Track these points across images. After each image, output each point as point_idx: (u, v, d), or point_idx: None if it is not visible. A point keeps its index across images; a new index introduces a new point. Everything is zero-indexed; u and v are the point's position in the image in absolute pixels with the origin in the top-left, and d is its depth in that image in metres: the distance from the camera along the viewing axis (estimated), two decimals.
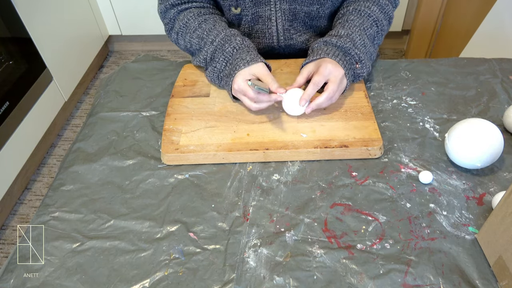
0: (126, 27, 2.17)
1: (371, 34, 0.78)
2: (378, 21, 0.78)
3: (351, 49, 0.73)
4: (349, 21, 0.77)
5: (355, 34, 0.75)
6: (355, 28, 0.76)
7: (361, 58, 0.74)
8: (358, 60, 0.74)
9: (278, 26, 0.84)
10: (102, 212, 0.63)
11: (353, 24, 0.77)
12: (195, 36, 0.79)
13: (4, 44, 1.48)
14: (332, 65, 0.71)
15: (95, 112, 0.81)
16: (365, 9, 0.78)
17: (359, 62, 0.74)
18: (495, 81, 0.80)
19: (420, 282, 0.52)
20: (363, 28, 0.77)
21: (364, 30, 0.77)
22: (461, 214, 0.59)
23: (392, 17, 0.82)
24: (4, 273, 0.56)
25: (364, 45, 0.76)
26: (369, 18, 0.78)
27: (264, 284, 0.53)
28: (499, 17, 1.26)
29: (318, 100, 0.70)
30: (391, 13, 0.81)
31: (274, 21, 0.83)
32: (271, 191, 0.64)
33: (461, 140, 0.61)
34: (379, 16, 0.79)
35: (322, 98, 0.69)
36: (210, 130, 0.71)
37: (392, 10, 0.82)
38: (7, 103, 1.44)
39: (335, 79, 0.70)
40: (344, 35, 0.75)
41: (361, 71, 0.75)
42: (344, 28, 0.77)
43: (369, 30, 0.77)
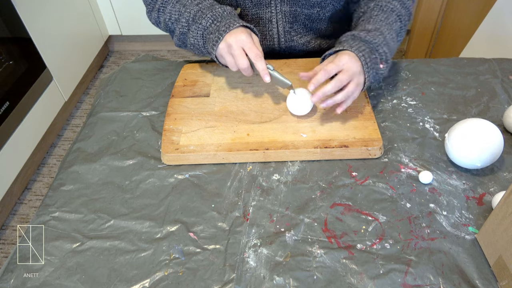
0: (126, 27, 2.17)
1: (395, 29, 0.75)
2: (401, 16, 0.75)
3: (379, 46, 0.69)
4: (374, 17, 0.74)
5: (384, 27, 0.72)
6: (381, 23, 0.73)
7: (388, 58, 0.70)
8: (384, 59, 0.70)
9: (279, 28, 0.84)
10: (102, 212, 0.63)
11: (379, 19, 0.73)
12: (177, 5, 0.75)
13: (4, 44, 1.48)
14: (349, 56, 0.66)
15: (95, 112, 0.81)
16: (387, 4, 0.75)
17: (385, 62, 0.70)
18: (495, 81, 0.80)
19: (420, 282, 0.52)
20: (389, 23, 0.73)
21: (390, 24, 0.73)
22: (461, 214, 0.59)
23: (412, 13, 0.79)
24: (4, 273, 0.56)
25: (392, 39, 0.72)
26: (392, 13, 0.74)
27: (264, 284, 0.53)
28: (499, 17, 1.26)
29: (325, 88, 0.65)
30: (411, 9, 0.78)
31: (275, 23, 0.83)
32: (271, 191, 0.64)
33: (461, 140, 0.61)
34: (401, 11, 0.76)
35: (329, 86, 0.65)
36: (210, 130, 0.71)
37: (411, 5, 0.79)
38: (7, 103, 1.44)
39: (348, 70, 0.66)
40: (373, 29, 0.71)
41: (383, 72, 0.71)
42: (370, 23, 0.73)
43: (394, 25, 0.74)
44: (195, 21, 0.73)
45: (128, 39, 2.31)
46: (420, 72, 0.84)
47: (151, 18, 0.82)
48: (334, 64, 0.66)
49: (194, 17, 0.73)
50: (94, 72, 2.15)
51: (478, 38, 1.36)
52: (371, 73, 0.69)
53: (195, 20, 0.73)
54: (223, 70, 0.85)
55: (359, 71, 0.67)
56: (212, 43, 0.70)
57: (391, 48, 0.72)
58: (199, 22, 0.72)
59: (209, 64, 0.87)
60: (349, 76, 0.66)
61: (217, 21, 0.71)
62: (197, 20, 0.73)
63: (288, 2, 0.80)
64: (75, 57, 1.91)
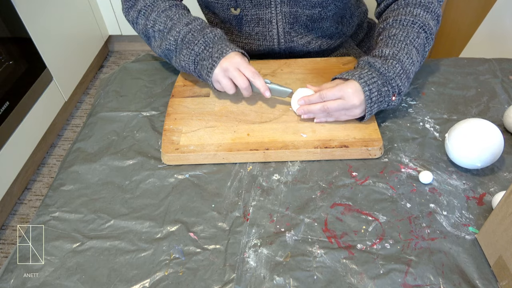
0: (126, 27, 2.17)
1: (420, 43, 0.70)
2: (425, 26, 0.71)
3: (393, 80, 0.67)
4: (392, 37, 0.70)
5: (402, 52, 0.68)
6: (400, 44, 0.69)
7: (401, 90, 0.68)
8: (397, 92, 0.68)
9: (279, 29, 0.84)
10: (102, 212, 0.63)
11: (397, 39, 0.69)
12: (163, 15, 0.75)
13: (4, 44, 1.48)
14: (352, 89, 0.66)
15: (95, 112, 0.81)
16: (407, 17, 0.71)
17: (397, 94, 0.68)
18: (495, 81, 0.80)
19: (420, 282, 0.52)
20: (410, 41, 0.69)
21: (411, 42, 0.69)
22: (461, 214, 0.59)
23: (440, 14, 0.73)
24: (4, 273, 0.56)
25: (412, 63, 0.69)
26: (413, 26, 0.70)
27: (264, 284, 0.53)
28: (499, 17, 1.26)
29: (311, 107, 0.68)
30: (438, 11, 0.73)
31: (275, 24, 0.83)
32: (271, 191, 0.64)
33: (461, 140, 0.61)
34: (425, 19, 0.71)
35: (315, 106, 0.68)
36: (210, 130, 0.71)
37: (438, 7, 0.73)
38: (7, 103, 1.44)
39: (344, 101, 0.66)
40: (390, 56, 0.68)
41: (396, 103, 0.70)
42: (388, 46, 0.70)
43: (417, 41, 0.70)
44: (185, 44, 0.74)
45: (128, 39, 2.31)
46: (420, 72, 0.83)
47: (128, 16, 0.81)
48: (332, 92, 0.67)
49: (183, 38, 0.74)
50: (94, 72, 2.15)
51: (478, 38, 1.36)
52: (376, 106, 0.68)
53: (185, 42, 0.74)
54: None
55: (358, 105, 0.66)
56: (207, 70, 0.71)
57: (409, 75, 0.69)
58: (191, 48, 0.73)
59: None
60: (341, 107, 0.66)
61: (209, 47, 0.72)
62: (188, 45, 0.73)
63: (288, 3, 0.79)
64: (75, 57, 1.91)
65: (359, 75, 0.67)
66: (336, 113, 0.69)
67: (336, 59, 0.86)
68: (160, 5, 0.77)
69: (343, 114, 0.68)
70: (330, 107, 0.67)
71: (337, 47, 0.94)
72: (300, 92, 0.72)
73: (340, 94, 0.66)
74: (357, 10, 0.94)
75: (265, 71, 0.83)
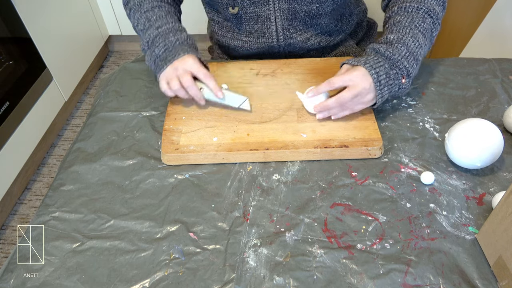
0: (126, 27, 2.17)
1: (426, 28, 0.71)
2: (430, 11, 0.71)
3: (400, 62, 0.68)
4: (397, 23, 0.72)
5: (407, 36, 0.69)
6: (405, 29, 0.70)
7: (410, 71, 0.68)
8: (406, 74, 0.68)
9: (277, 26, 0.84)
10: (102, 212, 0.63)
11: (402, 25, 0.71)
12: (144, 17, 0.78)
13: (4, 44, 1.48)
14: (359, 73, 0.66)
15: (95, 112, 0.81)
16: (412, 3, 0.72)
17: (407, 76, 0.69)
18: (495, 81, 0.80)
19: (420, 282, 0.52)
20: (415, 26, 0.70)
21: (416, 27, 0.70)
22: (461, 214, 0.59)
23: (445, 0, 0.75)
24: (4, 273, 0.56)
25: (419, 46, 0.69)
26: (418, 12, 0.71)
27: (264, 284, 0.53)
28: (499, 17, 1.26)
29: (327, 101, 0.68)
30: None
31: (273, 21, 0.83)
32: (271, 191, 0.64)
33: (461, 140, 0.61)
34: (430, 4, 0.72)
35: (330, 101, 0.67)
36: (210, 130, 0.71)
37: None
38: (7, 103, 1.44)
39: (354, 88, 0.66)
40: (395, 40, 0.69)
41: (407, 85, 0.70)
42: (393, 32, 0.71)
43: (422, 25, 0.71)
44: (150, 47, 0.77)
45: (128, 39, 2.30)
46: (420, 72, 0.83)
47: (126, 11, 0.85)
48: (341, 78, 0.67)
49: (153, 41, 0.76)
50: (94, 72, 2.15)
51: (478, 38, 1.36)
52: (386, 89, 0.68)
53: (150, 45, 0.77)
54: (223, 71, 0.85)
55: (368, 88, 0.66)
56: (159, 68, 0.74)
57: (417, 57, 0.70)
58: (152, 49, 0.75)
59: (209, 64, 0.87)
60: (353, 94, 0.66)
61: (168, 50, 0.74)
62: (151, 47, 0.76)
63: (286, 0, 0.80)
64: (75, 57, 1.91)
65: (365, 61, 0.68)
66: (350, 104, 0.68)
67: (336, 59, 0.86)
68: (144, 5, 0.79)
69: (356, 102, 0.68)
70: (344, 98, 0.67)
71: (337, 45, 0.94)
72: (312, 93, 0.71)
73: (348, 79, 0.67)
74: (357, 8, 0.94)
75: (265, 71, 0.83)
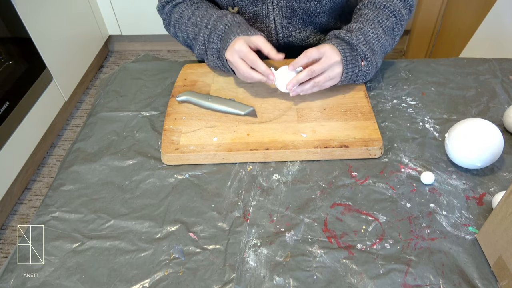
0: (126, 27, 2.17)
1: (388, 26, 0.76)
2: (395, 11, 0.76)
3: (357, 46, 0.72)
4: (363, 15, 0.76)
5: (368, 27, 0.74)
6: (368, 22, 0.74)
7: (367, 55, 0.73)
8: (363, 57, 0.73)
9: (276, 24, 0.84)
10: (102, 212, 0.63)
11: (367, 18, 0.75)
12: (190, 25, 0.80)
13: (4, 44, 1.48)
14: (330, 47, 0.71)
15: (95, 112, 0.81)
16: (381, 0, 0.76)
17: (365, 59, 0.73)
18: (495, 81, 0.80)
19: (420, 282, 0.52)
20: (378, 21, 0.75)
21: (379, 22, 0.75)
22: (461, 214, 0.59)
23: (412, 5, 0.79)
24: (4, 273, 0.56)
25: (377, 38, 0.74)
26: (385, 10, 0.76)
27: (264, 284, 0.53)
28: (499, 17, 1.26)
29: (298, 75, 0.70)
30: (411, 1, 0.79)
31: (272, 19, 0.84)
32: (271, 191, 0.64)
33: (461, 140, 0.61)
34: (397, 6, 0.76)
35: (302, 74, 0.69)
36: (210, 130, 0.71)
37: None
38: (7, 103, 1.44)
39: (326, 60, 0.70)
40: (356, 29, 0.74)
41: (367, 69, 0.74)
42: (357, 22, 0.75)
43: (385, 22, 0.75)
44: (207, 47, 0.79)
45: (128, 39, 2.31)
46: (420, 72, 0.84)
47: (169, 32, 0.87)
48: (317, 49, 0.70)
49: (208, 40, 0.78)
50: (94, 72, 2.15)
51: (478, 38, 1.36)
52: (350, 67, 0.72)
53: (207, 46, 0.79)
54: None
55: (337, 61, 0.71)
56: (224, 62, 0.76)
57: (373, 47, 0.74)
58: (210, 48, 0.78)
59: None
60: (323, 67, 0.70)
61: (222, 40, 0.76)
62: (208, 46, 0.79)
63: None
64: (75, 57, 1.91)
65: (329, 42, 0.73)
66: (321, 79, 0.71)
67: None
68: (185, 15, 0.81)
69: (326, 77, 0.71)
70: (316, 69, 0.70)
71: None
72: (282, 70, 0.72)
73: (322, 51, 0.70)
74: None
75: None
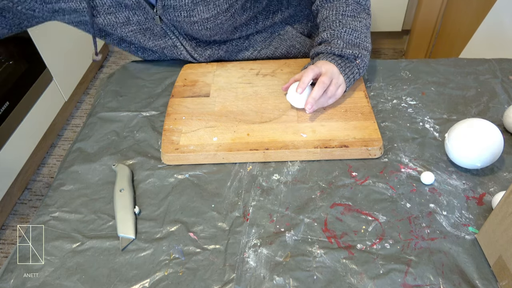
0: None
1: (352, 9, 0.75)
2: None
3: (343, 51, 0.72)
4: (325, 19, 0.76)
5: (337, 29, 0.73)
6: (333, 24, 0.74)
7: (356, 55, 0.73)
8: (355, 57, 0.73)
9: (187, 47, 0.84)
10: (102, 212, 0.63)
11: (330, 20, 0.75)
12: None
13: (4, 44, 1.48)
14: (322, 61, 0.72)
15: (95, 112, 0.81)
16: None
17: (358, 58, 0.73)
18: (495, 81, 0.80)
19: (420, 282, 0.52)
20: (340, 15, 0.74)
21: (342, 15, 0.74)
22: (461, 214, 0.59)
23: None
24: (4, 273, 0.56)
25: (352, 30, 0.73)
26: (339, 1, 0.75)
27: (264, 284, 0.53)
28: (499, 17, 1.26)
29: (312, 93, 0.69)
30: None
31: (181, 46, 0.83)
32: (271, 191, 0.64)
33: (461, 140, 0.61)
34: None
35: (315, 92, 0.69)
36: (210, 130, 0.71)
37: None
38: (7, 103, 1.44)
39: (327, 71, 0.70)
40: (329, 37, 0.74)
41: (364, 64, 0.74)
42: (325, 29, 0.75)
43: (347, 9, 0.74)
44: None
45: None
46: (420, 72, 0.84)
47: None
48: (311, 69, 0.70)
49: None
50: (94, 72, 2.15)
51: (478, 38, 1.36)
52: (348, 71, 0.73)
53: None
54: (223, 70, 0.85)
55: (337, 71, 0.72)
56: None
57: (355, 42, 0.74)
58: None
59: (209, 64, 0.87)
60: (329, 77, 0.70)
61: None
62: None
63: None
64: (75, 57, 1.91)
65: (318, 59, 0.73)
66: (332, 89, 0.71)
67: None
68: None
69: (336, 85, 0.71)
70: (324, 82, 0.70)
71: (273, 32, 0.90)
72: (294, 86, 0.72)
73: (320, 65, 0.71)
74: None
75: (265, 71, 0.83)
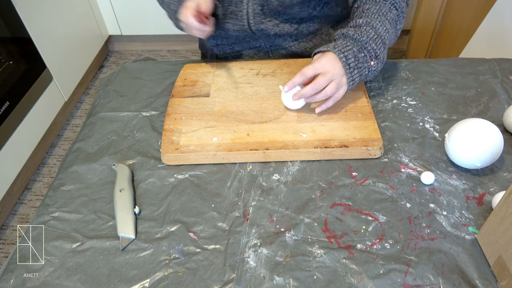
0: (126, 27, 2.17)
1: (392, 18, 0.75)
2: (396, 3, 0.75)
3: (368, 43, 0.70)
4: (366, 10, 0.75)
5: (375, 20, 0.72)
6: (373, 15, 0.73)
7: (377, 54, 0.71)
8: (374, 56, 0.71)
9: (249, 10, 0.83)
10: (102, 212, 0.63)
11: (371, 12, 0.74)
12: None
13: (4, 44, 1.48)
14: (329, 58, 0.69)
15: (95, 112, 0.81)
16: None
17: (375, 58, 0.71)
18: (495, 81, 0.80)
19: (420, 282, 0.52)
20: (382, 13, 0.73)
21: (383, 15, 0.73)
22: (461, 214, 0.59)
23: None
24: (4, 273, 0.56)
25: (386, 30, 0.72)
26: (385, 3, 0.75)
27: (264, 284, 0.53)
28: (499, 17, 1.26)
29: (303, 90, 0.68)
30: None
31: (245, 4, 0.82)
32: (271, 191, 0.64)
33: (461, 140, 0.61)
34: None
35: (307, 88, 0.68)
36: (210, 130, 0.71)
37: None
38: (7, 103, 1.44)
39: (326, 73, 0.68)
40: (363, 23, 0.72)
41: (376, 68, 0.72)
42: (362, 17, 0.74)
43: (389, 14, 0.74)
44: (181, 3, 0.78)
45: (128, 39, 2.31)
46: (420, 72, 0.84)
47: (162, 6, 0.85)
48: (312, 66, 0.69)
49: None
50: (94, 72, 2.15)
51: (478, 38, 1.36)
52: (356, 72, 0.70)
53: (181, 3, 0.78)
54: (223, 70, 0.85)
55: (339, 72, 0.69)
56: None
57: (384, 41, 0.72)
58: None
59: (209, 64, 0.87)
60: (328, 78, 0.68)
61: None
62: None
63: None
64: (75, 57, 1.91)
65: (334, 46, 0.70)
66: (330, 90, 0.69)
67: None
68: None
69: (335, 87, 0.69)
70: (319, 83, 0.68)
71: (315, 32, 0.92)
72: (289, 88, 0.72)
73: (319, 66, 0.68)
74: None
75: (265, 71, 0.83)
